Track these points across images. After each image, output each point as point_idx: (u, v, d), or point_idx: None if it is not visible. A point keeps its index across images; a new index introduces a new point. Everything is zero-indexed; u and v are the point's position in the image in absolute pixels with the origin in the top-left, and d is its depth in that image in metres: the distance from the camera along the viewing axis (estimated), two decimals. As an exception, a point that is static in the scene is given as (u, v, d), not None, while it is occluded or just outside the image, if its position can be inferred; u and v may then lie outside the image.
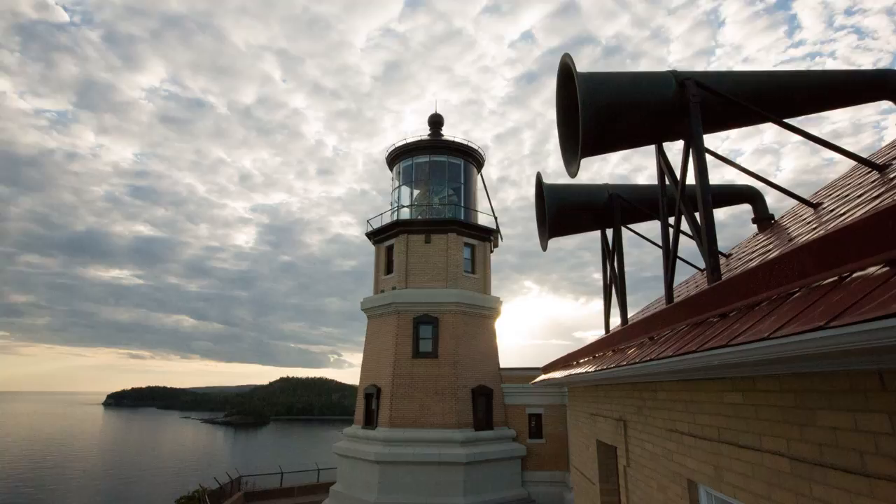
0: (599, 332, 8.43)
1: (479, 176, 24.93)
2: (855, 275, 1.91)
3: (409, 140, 23.80)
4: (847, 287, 1.86)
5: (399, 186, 24.44)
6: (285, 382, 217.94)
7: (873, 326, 1.52)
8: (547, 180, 7.70)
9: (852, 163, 5.33)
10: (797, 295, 2.25)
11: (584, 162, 5.07)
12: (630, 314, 7.84)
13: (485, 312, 21.96)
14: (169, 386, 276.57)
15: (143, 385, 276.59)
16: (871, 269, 1.82)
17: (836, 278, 2.02)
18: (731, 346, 2.32)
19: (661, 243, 5.47)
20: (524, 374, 21.13)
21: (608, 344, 6.16)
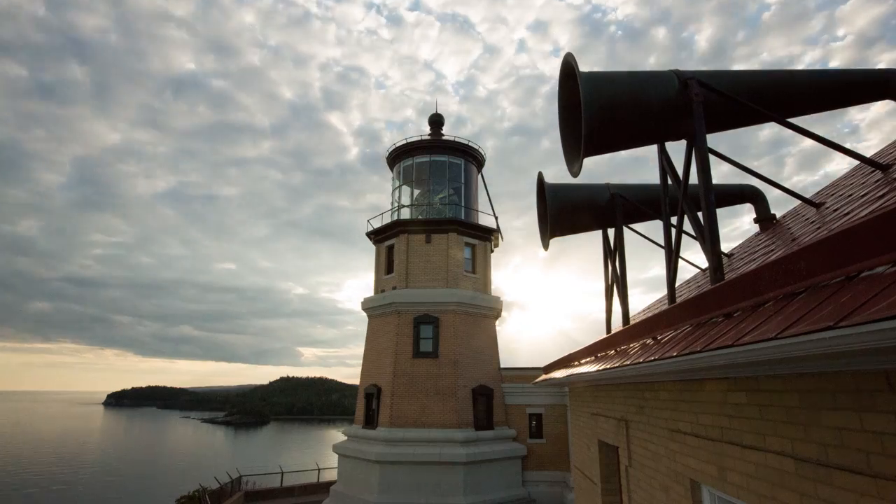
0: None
1: (479, 175, 24.92)
2: (863, 274, 1.90)
3: (410, 140, 23.80)
4: (855, 287, 1.85)
5: (399, 186, 24.43)
6: (285, 382, 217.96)
7: (883, 326, 1.51)
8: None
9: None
10: (803, 295, 2.24)
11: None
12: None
13: (485, 312, 21.95)
14: (169, 386, 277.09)
15: (143, 385, 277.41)
16: (880, 269, 1.81)
17: (843, 278, 2.01)
18: (738, 345, 2.31)
19: (662, 243, 5.46)
20: (524, 374, 21.12)
21: (610, 344, 6.15)
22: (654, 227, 7.88)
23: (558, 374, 9.16)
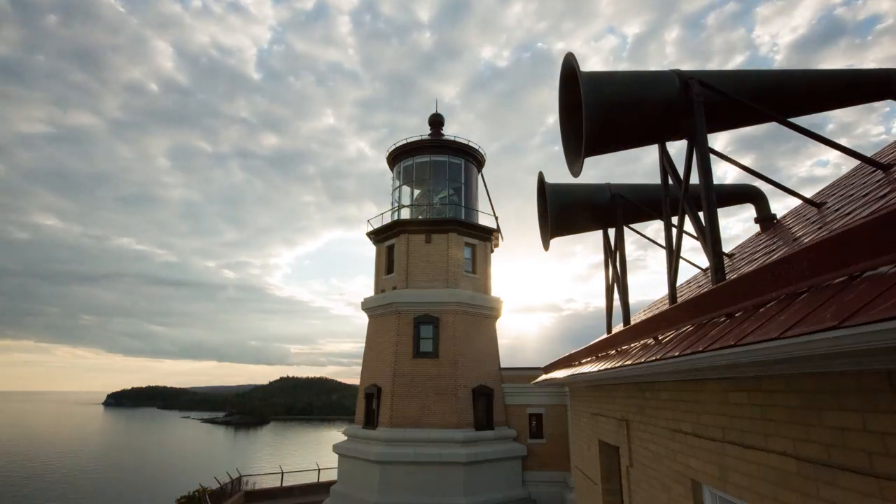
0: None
1: (479, 175, 24.93)
2: (865, 275, 1.90)
3: (410, 139, 23.81)
4: (858, 287, 1.85)
5: (400, 186, 24.44)
6: (285, 382, 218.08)
7: (886, 327, 1.50)
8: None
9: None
10: (806, 295, 2.24)
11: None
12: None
13: (485, 312, 21.95)
14: (169, 386, 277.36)
15: (143, 385, 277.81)
16: (884, 269, 1.81)
17: (845, 278, 2.01)
18: (741, 346, 2.30)
19: (663, 243, 5.46)
20: (524, 374, 21.10)
21: (611, 344, 6.15)
22: (654, 227, 7.88)
23: (558, 374, 9.16)
